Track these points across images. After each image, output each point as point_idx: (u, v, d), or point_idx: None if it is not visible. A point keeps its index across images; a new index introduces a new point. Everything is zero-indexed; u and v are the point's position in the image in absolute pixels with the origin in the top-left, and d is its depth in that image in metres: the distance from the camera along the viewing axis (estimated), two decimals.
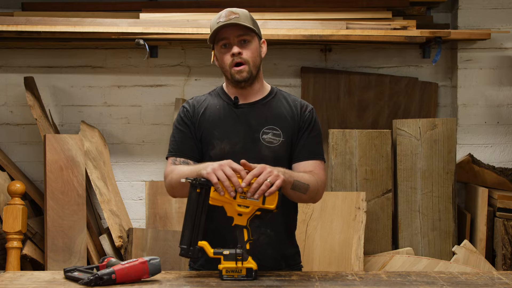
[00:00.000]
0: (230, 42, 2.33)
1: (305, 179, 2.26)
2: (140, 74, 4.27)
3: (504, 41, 4.16)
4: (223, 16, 2.33)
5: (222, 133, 2.34)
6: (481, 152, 4.16)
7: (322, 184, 2.35)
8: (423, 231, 3.78)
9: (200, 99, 2.44)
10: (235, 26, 2.31)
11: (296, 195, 2.26)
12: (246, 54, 2.32)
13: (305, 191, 2.25)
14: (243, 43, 2.33)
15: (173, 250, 3.79)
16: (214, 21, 2.35)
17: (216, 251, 2.14)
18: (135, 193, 4.27)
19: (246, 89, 2.39)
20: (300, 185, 2.23)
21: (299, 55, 4.25)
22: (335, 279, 2.16)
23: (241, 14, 2.34)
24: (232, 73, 2.33)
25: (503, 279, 2.17)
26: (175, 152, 2.38)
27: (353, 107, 4.18)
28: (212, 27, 2.36)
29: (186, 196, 2.28)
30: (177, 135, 2.40)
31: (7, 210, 3.61)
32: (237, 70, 2.32)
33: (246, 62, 2.33)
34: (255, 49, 2.35)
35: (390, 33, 3.86)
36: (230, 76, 2.35)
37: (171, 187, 2.35)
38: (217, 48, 2.38)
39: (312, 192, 2.28)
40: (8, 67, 4.27)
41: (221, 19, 2.32)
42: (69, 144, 3.83)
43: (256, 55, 2.36)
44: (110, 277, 2.05)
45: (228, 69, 2.34)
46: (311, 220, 3.67)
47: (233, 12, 2.33)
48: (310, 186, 2.26)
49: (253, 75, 2.35)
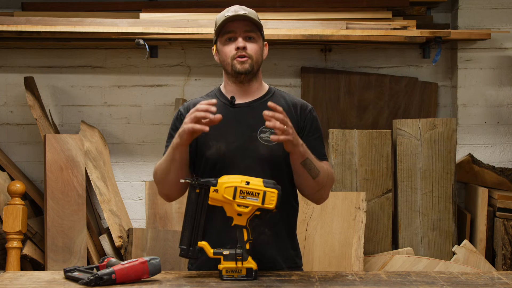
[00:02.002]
0: (236, 36, 2.32)
1: (318, 165, 2.27)
2: (140, 74, 4.27)
3: (504, 41, 4.16)
4: (232, 10, 2.33)
5: (218, 133, 2.32)
6: (481, 152, 4.16)
7: (330, 178, 2.35)
8: (423, 231, 3.78)
9: (197, 101, 2.41)
10: (244, 21, 2.32)
11: (304, 176, 2.25)
12: (250, 49, 2.32)
13: (314, 175, 2.25)
14: (249, 39, 2.33)
15: (173, 250, 3.79)
16: (222, 14, 2.35)
17: (216, 251, 2.14)
18: (135, 193, 4.27)
19: (244, 86, 2.38)
20: (312, 166, 2.23)
21: (299, 55, 4.25)
22: (335, 279, 2.16)
23: (250, 11, 2.35)
24: (234, 63, 2.32)
25: (503, 279, 2.17)
26: None
27: (353, 107, 4.18)
28: (218, 20, 2.35)
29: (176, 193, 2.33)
30: (169, 141, 2.38)
31: (7, 210, 3.61)
32: (240, 60, 2.31)
33: (250, 56, 2.32)
34: (259, 47, 2.36)
35: (390, 33, 3.86)
36: (231, 68, 2.34)
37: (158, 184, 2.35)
38: (220, 41, 2.36)
39: (320, 181, 2.28)
40: (8, 67, 4.27)
41: (229, 12, 2.32)
42: (69, 144, 3.83)
43: (260, 53, 2.36)
44: (110, 277, 2.05)
45: (230, 61, 2.33)
46: (311, 220, 3.67)
47: (242, 8, 2.35)
48: (321, 173, 2.26)
49: (254, 70, 2.35)
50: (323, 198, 2.39)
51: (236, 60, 2.32)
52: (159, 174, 2.32)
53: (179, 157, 2.23)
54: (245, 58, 2.32)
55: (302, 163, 2.22)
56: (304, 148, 2.22)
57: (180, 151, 2.22)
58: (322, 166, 2.30)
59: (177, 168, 2.24)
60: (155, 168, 2.35)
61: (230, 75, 2.38)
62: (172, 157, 2.24)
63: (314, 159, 2.27)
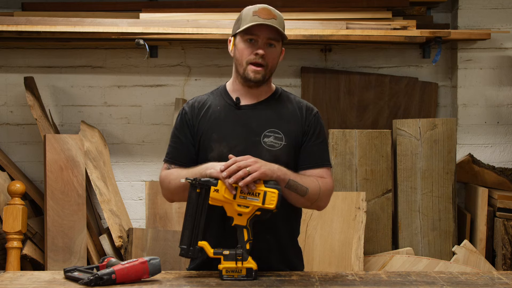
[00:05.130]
0: (258, 40, 2.28)
1: (304, 181, 2.23)
2: (140, 74, 4.27)
3: (504, 41, 4.16)
4: (263, 13, 2.28)
5: (221, 136, 2.29)
6: (481, 152, 4.16)
7: (326, 190, 2.31)
8: (423, 231, 3.78)
9: (201, 100, 2.40)
10: (271, 29, 2.27)
11: (292, 196, 2.23)
12: (268, 57, 2.29)
13: (302, 194, 2.22)
14: (269, 46, 2.29)
15: (173, 250, 3.79)
16: (249, 12, 2.29)
17: (216, 251, 2.14)
18: (135, 193, 4.27)
19: (252, 90, 2.35)
20: (297, 186, 2.21)
21: (299, 55, 4.25)
22: (335, 279, 2.16)
23: (278, 17, 2.31)
24: (248, 70, 2.29)
25: (503, 279, 2.17)
26: (169, 158, 2.37)
27: (353, 107, 4.18)
28: (245, 16, 2.29)
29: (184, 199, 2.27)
30: (173, 140, 2.38)
31: (7, 210, 3.61)
32: (254, 69, 2.28)
33: (266, 65, 2.29)
34: (277, 55, 2.32)
35: (390, 33, 3.86)
36: (243, 71, 2.30)
37: (169, 192, 2.34)
38: (241, 37, 2.30)
39: (312, 196, 2.25)
40: (8, 67, 4.27)
41: (260, 15, 2.27)
42: (69, 144, 3.83)
43: (276, 61, 2.33)
44: (110, 277, 2.05)
45: (245, 64, 2.29)
46: (311, 220, 3.67)
47: (272, 13, 2.29)
48: (309, 189, 2.23)
49: (266, 78, 2.32)
50: (322, 207, 2.35)
51: (250, 67, 2.28)
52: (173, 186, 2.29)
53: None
54: (260, 68, 2.28)
55: (286, 186, 2.19)
56: (283, 171, 2.19)
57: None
58: (310, 182, 2.25)
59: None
60: (168, 175, 2.32)
61: (240, 77, 2.34)
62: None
63: (298, 177, 2.24)
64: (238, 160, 2.12)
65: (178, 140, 2.36)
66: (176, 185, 2.27)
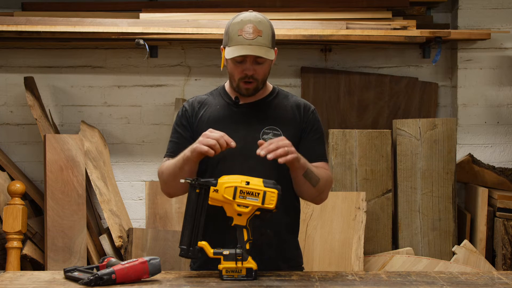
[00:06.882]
0: (246, 61, 2.27)
1: (317, 172, 2.30)
2: (140, 74, 4.27)
3: (504, 41, 4.16)
4: (248, 32, 2.23)
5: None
6: (481, 152, 4.16)
7: (329, 183, 2.38)
8: (423, 231, 3.78)
9: (201, 99, 2.43)
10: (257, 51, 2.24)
11: (305, 186, 2.28)
12: (258, 73, 2.30)
13: (315, 183, 2.28)
14: (258, 63, 2.29)
15: (173, 250, 3.79)
16: (235, 30, 2.25)
17: (216, 251, 2.14)
18: (135, 193, 4.27)
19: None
20: (312, 176, 2.26)
21: (299, 55, 4.25)
22: (335, 279, 2.16)
23: (265, 30, 2.25)
24: (240, 86, 2.32)
25: (503, 279, 2.17)
26: (170, 153, 2.40)
27: (353, 107, 4.18)
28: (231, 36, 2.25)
29: (180, 192, 2.35)
30: (174, 136, 2.42)
31: (7, 210, 3.61)
32: (245, 87, 2.31)
33: (256, 79, 2.31)
34: (267, 67, 2.33)
35: (390, 33, 3.86)
36: (236, 86, 2.33)
37: (164, 184, 2.38)
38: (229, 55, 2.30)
39: (320, 187, 2.31)
40: (8, 67, 4.27)
41: (245, 35, 2.23)
42: (69, 144, 3.83)
43: (267, 71, 2.34)
44: (110, 277, 2.05)
45: (237, 80, 2.32)
46: (311, 220, 3.67)
47: (257, 29, 2.24)
48: (321, 180, 2.29)
49: (259, 89, 2.35)
50: (323, 200, 2.41)
51: (242, 84, 2.31)
52: (166, 176, 2.34)
53: (189, 169, 2.26)
54: (251, 84, 2.30)
55: (304, 174, 2.24)
56: (304, 160, 2.24)
57: (190, 164, 2.24)
58: (321, 172, 2.32)
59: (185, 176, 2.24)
60: (162, 167, 2.37)
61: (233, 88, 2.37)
62: (181, 166, 2.26)
63: (313, 167, 2.29)
64: (275, 141, 2.16)
65: (179, 135, 2.40)
66: (168, 174, 2.32)
